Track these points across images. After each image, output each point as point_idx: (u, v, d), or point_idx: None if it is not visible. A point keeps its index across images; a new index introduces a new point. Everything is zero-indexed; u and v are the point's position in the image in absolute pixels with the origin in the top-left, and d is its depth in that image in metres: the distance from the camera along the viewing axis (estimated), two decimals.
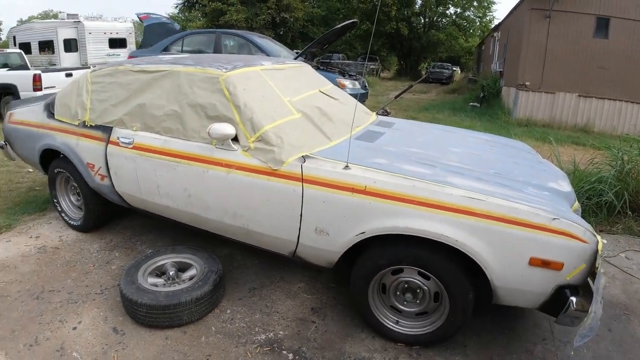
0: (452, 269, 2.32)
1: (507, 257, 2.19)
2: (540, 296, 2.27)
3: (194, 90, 2.97)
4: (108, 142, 3.31)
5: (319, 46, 8.76)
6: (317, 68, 8.43)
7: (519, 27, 13.53)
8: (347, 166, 2.47)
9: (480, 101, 15.48)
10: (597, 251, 2.13)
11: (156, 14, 11.36)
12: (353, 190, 2.39)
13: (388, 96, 19.04)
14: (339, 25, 7.60)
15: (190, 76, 3.02)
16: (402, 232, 2.30)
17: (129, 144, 3.17)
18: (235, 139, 2.75)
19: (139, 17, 11.53)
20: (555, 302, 2.23)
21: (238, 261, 3.55)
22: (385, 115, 9.31)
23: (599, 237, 2.17)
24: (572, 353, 2.60)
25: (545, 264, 2.15)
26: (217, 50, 8.64)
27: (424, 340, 2.59)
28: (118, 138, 3.24)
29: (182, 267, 3.09)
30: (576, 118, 12.43)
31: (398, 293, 2.60)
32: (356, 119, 3.43)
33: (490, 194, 2.26)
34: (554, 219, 2.13)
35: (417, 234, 2.27)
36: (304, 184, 2.51)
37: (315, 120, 2.96)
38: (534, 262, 2.16)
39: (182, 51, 8.82)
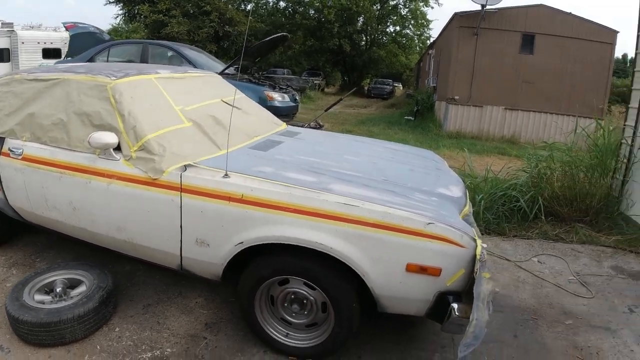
0: (334, 278, 2.28)
1: (384, 264, 2.17)
2: (423, 303, 2.25)
3: (81, 99, 2.86)
4: (0, 153, 3.13)
5: (250, 59, 8.74)
6: (249, 81, 8.37)
7: (449, 44, 14.03)
8: (226, 174, 2.41)
9: (415, 115, 15.88)
10: (475, 256, 2.14)
11: (83, 24, 10.96)
12: (230, 199, 2.34)
13: (330, 110, 19.18)
14: (267, 39, 7.59)
15: (80, 84, 2.91)
16: (278, 240, 2.26)
17: (19, 155, 3.00)
18: (119, 149, 2.65)
19: (64, 27, 11.10)
20: (439, 309, 2.23)
21: (138, 277, 3.39)
22: (318, 128, 9.35)
23: (479, 241, 2.18)
24: None
25: (422, 270, 2.14)
26: (143, 60, 8.41)
27: (315, 353, 2.53)
28: (9, 149, 3.07)
29: (73, 284, 2.94)
30: (503, 130, 12.95)
31: (286, 304, 2.54)
32: (260, 128, 3.42)
33: (369, 199, 2.24)
34: (429, 223, 2.13)
35: (292, 242, 2.23)
36: (182, 193, 2.43)
37: (207, 129, 2.90)
38: (411, 269, 2.14)
39: (107, 62, 8.54)
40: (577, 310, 3.28)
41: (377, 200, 2.25)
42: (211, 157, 2.67)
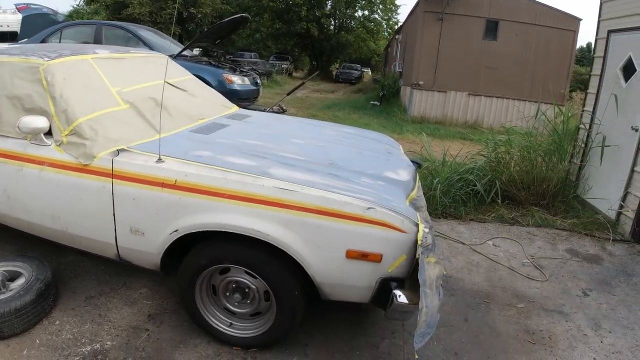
0: (275, 266, 2.20)
1: (323, 251, 2.10)
2: (365, 290, 2.20)
3: (13, 81, 2.67)
4: None
5: (209, 41, 8.55)
6: (209, 63, 8.20)
7: (415, 29, 14.01)
8: (159, 159, 2.29)
9: (380, 100, 15.89)
10: (417, 241, 2.08)
11: (36, 5, 10.54)
12: (163, 185, 2.21)
13: (296, 95, 19.03)
14: (226, 20, 7.41)
15: (13, 66, 2.72)
16: (214, 228, 2.16)
17: None
18: (51, 134, 2.49)
19: (16, 8, 10.64)
20: (383, 296, 2.17)
21: (82, 268, 3.24)
22: (281, 112, 9.25)
23: (421, 226, 2.11)
24: (416, 357, 2.41)
25: (363, 256, 2.07)
26: (97, 42, 8.09)
27: (259, 342, 2.46)
28: None
29: (14, 277, 2.79)
30: (466, 115, 13.07)
31: (228, 294, 2.45)
32: (206, 111, 3.31)
33: (309, 184, 2.17)
34: (369, 208, 2.06)
35: (228, 229, 2.14)
36: (114, 180, 2.30)
37: (145, 111, 2.76)
38: (352, 255, 2.07)
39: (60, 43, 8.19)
40: (530, 293, 3.30)
41: (318, 185, 2.17)
42: (147, 141, 2.53)
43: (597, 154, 4.88)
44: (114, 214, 2.34)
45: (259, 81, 8.72)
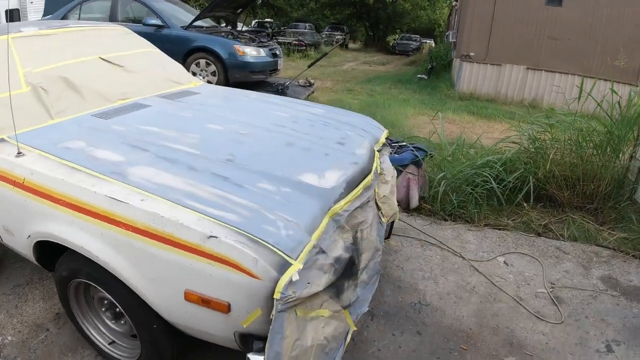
0: (125, 291, 1.77)
1: (159, 286, 1.65)
2: (228, 340, 1.66)
3: None
4: None
5: (227, 10, 8.16)
6: (230, 34, 7.72)
7: None
8: (19, 152, 2.02)
9: (429, 73, 14.74)
10: (274, 292, 1.45)
11: None
12: (14, 183, 1.97)
13: (342, 67, 18.20)
14: None
15: None
16: (48, 238, 1.90)
17: None
18: None
19: None
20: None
21: None
22: (309, 86, 8.60)
23: (294, 268, 1.47)
24: None
25: (204, 302, 1.55)
26: (113, 17, 7.84)
27: None
28: None
29: None
30: (523, 92, 11.67)
31: (103, 309, 2.15)
32: (139, 88, 2.93)
33: (162, 191, 1.72)
34: (210, 236, 1.52)
35: (60, 242, 1.85)
36: None
37: (47, 94, 2.46)
38: (190, 298, 1.57)
39: (79, 19, 7.98)
40: (532, 341, 2.46)
41: (172, 193, 1.72)
42: (34, 128, 2.27)
43: None
44: None
45: (278, 52, 8.08)
